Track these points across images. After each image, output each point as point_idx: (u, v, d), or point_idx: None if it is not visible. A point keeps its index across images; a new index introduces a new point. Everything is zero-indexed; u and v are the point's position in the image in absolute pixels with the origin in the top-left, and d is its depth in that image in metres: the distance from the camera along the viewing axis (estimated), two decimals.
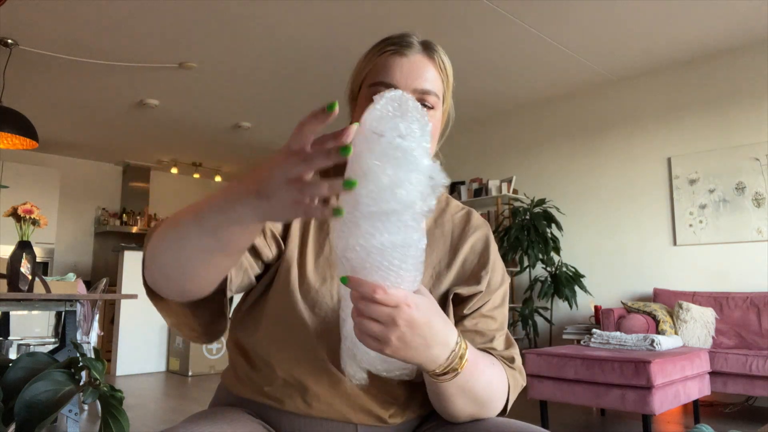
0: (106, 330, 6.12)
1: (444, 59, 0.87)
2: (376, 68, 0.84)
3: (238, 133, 6.37)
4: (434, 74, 0.85)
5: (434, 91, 0.85)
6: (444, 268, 0.90)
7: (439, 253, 0.91)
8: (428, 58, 0.85)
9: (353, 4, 3.57)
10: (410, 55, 0.84)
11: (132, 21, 3.78)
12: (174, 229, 0.65)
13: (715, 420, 3.45)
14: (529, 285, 4.90)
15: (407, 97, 0.61)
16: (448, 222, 0.95)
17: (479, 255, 0.92)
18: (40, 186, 6.65)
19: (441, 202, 0.97)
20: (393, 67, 0.83)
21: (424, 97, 0.83)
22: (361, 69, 0.87)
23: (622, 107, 4.86)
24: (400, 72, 0.82)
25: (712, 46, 4.23)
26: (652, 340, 3.16)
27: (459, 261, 0.91)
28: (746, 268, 4.08)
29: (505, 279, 0.94)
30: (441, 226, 0.94)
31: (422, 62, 0.84)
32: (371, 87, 0.83)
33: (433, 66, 0.86)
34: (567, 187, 5.14)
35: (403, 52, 0.84)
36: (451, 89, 0.91)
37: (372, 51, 0.87)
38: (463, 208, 0.99)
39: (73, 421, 2.61)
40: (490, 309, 0.89)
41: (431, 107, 0.85)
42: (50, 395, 0.64)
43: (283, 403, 0.83)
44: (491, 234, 0.97)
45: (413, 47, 0.84)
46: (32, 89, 4.99)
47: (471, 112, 5.69)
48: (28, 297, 2.64)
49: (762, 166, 4.07)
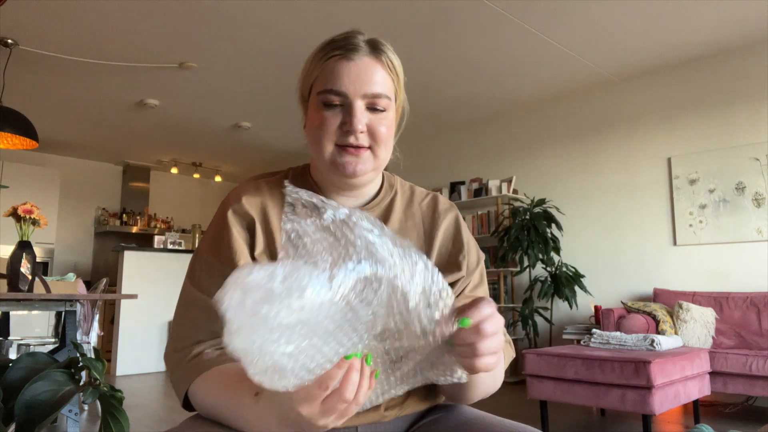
0: (106, 330, 6.12)
1: (392, 57, 0.85)
2: (323, 74, 0.82)
3: (238, 133, 6.37)
4: (383, 75, 0.83)
5: (385, 93, 0.83)
6: None
7: (415, 245, 0.91)
8: (376, 60, 0.83)
9: (353, 4, 3.57)
10: (357, 59, 0.82)
11: (132, 21, 3.78)
12: (216, 397, 0.75)
13: (715, 420, 3.45)
14: (529, 285, 4.90)
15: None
16: (417, 212, 0.95)
17: (453, 239, 0.93)
18: (40, 186, 6.65)
19: (406, 192, 0.97)
20: (340, 73, 0.81)
21: (374, 101, 0.82)
22: (309, 73, 0.85)
23: (622, 107, 4.86)
24: (348, 78, 0.81)
25: (712, 46, 4.23)
26: (652, 340, 3.16)
27: (436, 250, 0.92)
28: (746, 268, 4.08)
29: (480, 256, 0.96)
30: (411, 217, 0.94)
31: (370, 65, 0.82)
32: (321, 94, 0.82)
33: (382, 67, 0.84)
34: (567, 187, 5.14)
35: (349, 56, 0.82)
36: (403, 84, 0.89)
37: (318, 55, 0.85)
38: (429, 193, 0.99)
39: (73, 421, 2.61)
40: (472, 289, 0.92)
41: (383, 110, 0.83)
42: (50, 395, 0.64)
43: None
44: (459, 214, 0.98)
45: (360, 50, 0.82)
46: (32, 89, 4.99)
47: (471, 112, 5.69)
48: (28, 297, 2.64)
49: (762, 166, 4.07)
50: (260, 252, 0.84)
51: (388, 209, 0.93)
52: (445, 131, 6.18)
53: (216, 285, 0.81)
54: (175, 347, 0.83)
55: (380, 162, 0.85)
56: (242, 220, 0.86)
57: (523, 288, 5.12)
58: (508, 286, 5.33)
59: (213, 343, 0.80)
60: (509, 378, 4.90)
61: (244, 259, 0.83)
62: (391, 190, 0.96)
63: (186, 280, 0.87)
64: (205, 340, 0.81)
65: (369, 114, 0.82)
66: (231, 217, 0.85)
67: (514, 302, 5.27)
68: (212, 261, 0.84)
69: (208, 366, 0.77)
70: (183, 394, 0.79)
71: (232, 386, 0.73)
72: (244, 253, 0.84)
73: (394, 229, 0.91)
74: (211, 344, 0.80)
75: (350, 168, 0.82)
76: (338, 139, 0.82)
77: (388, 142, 0.85)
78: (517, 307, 5.07)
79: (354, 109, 0.81)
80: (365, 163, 0.83)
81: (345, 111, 0.81)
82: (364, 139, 0.82)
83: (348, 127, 0.81)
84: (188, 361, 0.80)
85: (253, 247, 0.84)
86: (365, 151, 0.83)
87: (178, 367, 0.81)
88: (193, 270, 0.87)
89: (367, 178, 0.86)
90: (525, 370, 3.17)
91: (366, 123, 0.82)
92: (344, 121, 0.81)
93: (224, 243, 0.84)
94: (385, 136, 0.84)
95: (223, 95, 5.20)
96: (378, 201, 0.92)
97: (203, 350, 0.80)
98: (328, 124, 0.81)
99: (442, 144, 6.21)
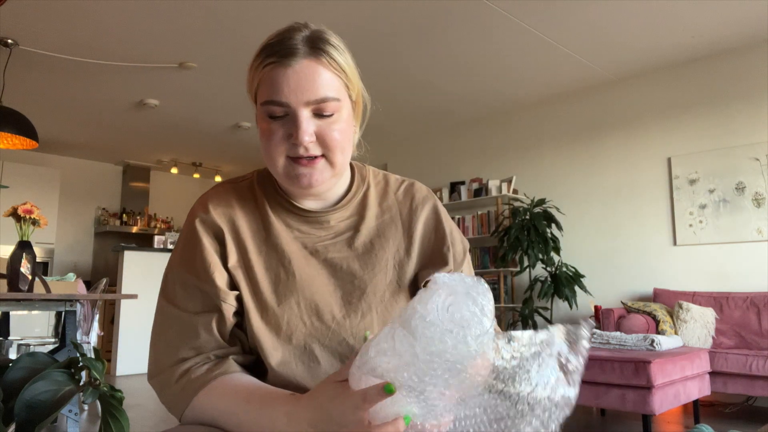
0: (106, 330, 6.12)
1: (335, 55, 0.78)
2: (263, 84, 0.76)
3: (238, 133, 6.37)
4: (328, 77, 0.76)
5: (331, 96, 0.76)
6: (404, 255, 0.87)
7: (395, 240, 0.88)
8: (316, 61, 0.76)
9: (353, 3, 3.57)
10: (295, 64, 0.75)
11: (132, 21, 3.78)
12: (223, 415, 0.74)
13: (715, 420, 3.45)
14: (529, 285, 4.90)
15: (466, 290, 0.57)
16: (393, 204, 0.90)
17: (435, 231, 0.89)
18: (40, 186, 6.65)
19: (380, 182, 0.92)
20: (279, 82, 0.75)
21: (321, 107, 0.76)
22: (251, 81, 0.80)
23: (622, 107, 4.86)
24: (287, 87, 0.74)
25: (712, 46, 4.23)
26: (652, 340, 3.16)
27: (417, 244, 0.88)
28: (746, 268, 4.08)
29: (465, 245, 0.92)
30: (388, 210, 0.90)
31: (310, 68, 0.75)
32: (263, 106, 0.76)
33: (324, 68, 0.76)
34: (567, 187, 5.14)
35: (286, 62, 0.75)
36: (356, 76, 0.82)
37: (255, 62, 0.78)
38: (404, 181, 0.94)
39: (73, 421, 2.61)
40: None
41: (331, 114, 0.77)
42: (50, 395, 0.64)
43: None
44: (438, 202, 0.93)
45: (297, 53, 0.75)
46: (32, 89, 4.99)
47: (471, 112, 5.69)
48: (28, 297, 2.64)
49: (762, 166, 4.07)
50: (234, 263, 0.81)
51: (361, 206, 0.89)
52: (445, 131, 6.18)
53: (192, 299, 0.80)
54: (158, 369, 0.80)
55: (338, 168, 0.80)
56: (211, 230, 0.82)
57: (523, 288, 5.12)
58: (508, 286, 5.33)
59: (198, 360, 0.79)
60: None
61: (218, 271, 0.80)
62: (363, 184, 0.91)
63: (160, 297, 0.83)
64: (188, 358, 0.79)
65: (317, 121, 0.76)
66: (200, 229, 0.82)
67: (514, 302, 5.27)
68: (185, 276, 0.81)
69: (203, 382, 0.76)
70: (181, 413, 0.77)
71: (256, 391, 0.73)
72: (217, 265, 0.81)
73: (370, 225, 0.87)
74: (195, 361, 0.79)
75: (305, 180, 0.78)
76: (288, 150, 0.77)
77: (344, 145, 0.79)
78: (517, 307, 5.07)
79: (299, 120, 0.75)
80: (321, 173, 0.78)
81: (290, 122, 0.76)
82: (314, 148, 0.77)
83: (294, 139, 0.75)
84: (177, 381, 0.78)
85: (226, 259, 0.81)
86: (319, 160, 0.78)
87: (166, 389, 0.79)
88: (166, 285, 0.83)
89: (326, 186, 0.81)
90: None
91: (315, 131, 0.76)
92: (290, 133, 0.76)
93: (196, 256, 0.81)
94: (338, 141, 0.78)
95: (223, 95, 5.20)
96: (349, 198, 0.88)
97: (190, 367, 0.78)
98: (275, 136, 0.76)
99: (442, 144, 6.21)
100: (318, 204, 0.87)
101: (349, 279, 0.84)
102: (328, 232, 0.86)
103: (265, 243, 0.84)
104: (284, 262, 0.83)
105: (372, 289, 0.84)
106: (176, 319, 0.80)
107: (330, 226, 0.86)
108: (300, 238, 0.85)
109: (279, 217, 0.85)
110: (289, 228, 0.85)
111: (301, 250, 0.84)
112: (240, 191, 0.87)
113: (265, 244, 0.84)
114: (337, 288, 0.84)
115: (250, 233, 0.84)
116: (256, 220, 0.85)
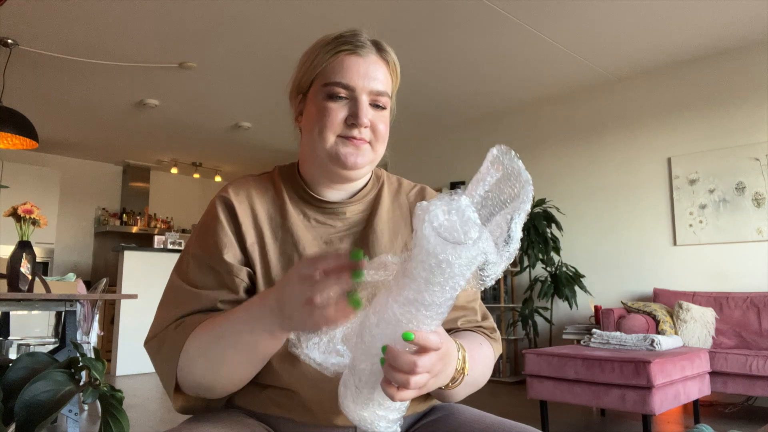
0: (106, 330, 6.12)
1: (395, 59, 0.89)
2: (331, 68, 0.84)
3: (238, 133, 6.37)
4: (386, 75, 0.87)
5: (386, 91, 0.86)
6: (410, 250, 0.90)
7: (403, 235, 0.92)
8: (381, 59, 0.86)
9: (353, 3, 3.57)
10: (365, 56, 0.84)
11: (132, 21, 3.78)
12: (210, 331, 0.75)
13: (715, 420, 3.45)
14: (529, 285, 4.90)
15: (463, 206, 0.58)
16: (404, 202, 0.97)
17: None
18: (40, 186, 6.65)
19: (393, 183, 0.99)
20: (350, 67, 0.83)
21: (377, 98, 0.85)
22: (313, 66, 0.86)
23: (622, 107, 4.86)
24: (357, 73, 0.83)
25: (712, 46, 4.23)
26: (652, 340, 3.16)
27: None
28: (746, 268, 4.08)
29: None
30: (399, 207, 0.95)
31: (376, 63, 0.85)
32: (327, 86, 0.83)
33: (386, 67, 0.87)
34: (567, 187, 5.14)
35: (358, 52, 0.84)
36: (398, 86, 0.92)
37: (324, 48, 0.85)
38: (416, 185, 1.01)
39: (73, 421, 2.61)
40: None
41: (383, 108, 0.86)
42: (50, 395, 0.64)
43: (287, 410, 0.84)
44: None
45: (367, 47, 0.85)
46: (32, 89, 4.99)
47: (471, 111, 5.69)
48: (28, 297, 2.64)
49: (762, 166, 4.07)
50: (251, 243, 0.85)
51: (375, 200, 0.94)
52: (445, 131, 6.18)
53: (204, 276, 0.83)
54: (154, 332, 0.81)
55: (377, 157, 0.88)
56: (230, 211, 0.86)
57: (523, 288, 5.12)
58: (508, 286, 5.33)
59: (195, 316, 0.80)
60: (509, 378, 4.89)
61: (232, 249, 0.84)
62: (378, 182, 0.97)
63: (173, 273, 0.87)
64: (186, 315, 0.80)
65: (372, 110, 0.84)
66: (219, 209, 0.87)
67: (514, 302, 5.27)
68: (200, 254, 0.85)
69: (196, 324, 0.77)
70: (176, 360, 0.76)
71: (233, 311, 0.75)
72: (232, 243, 0.85)
73: (382, 219, 0.92)
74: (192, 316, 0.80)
75: (351, 159, 0.84)
76: (342, 131, 0.83)
77: (385, 139, 0.87)
78: (517, 307, 5.07)
79: (361, 104, 0.83)
80: (364, 155, 0.85)
81: (351, 104, 0.83)
82: (366, 133, 0.84)
83: (354, 120, 0.82)
84: (174, 330, 0.78)
85: (243, 239, 0.85)
86: (366, 144, 0.85)
87: (163, 347, 0.79)
88: (180, 263, 0.87)
89: (363, 171, 0.87)
90: (525, 370, 3.17)
91: (369, 118, 0.84)
92: (351, 114, 0.83)
93: (213, 235, 0.85)
94: (384, 133, 0.86)
95: (223, 95, 5.20)
96: (365, 192, 0.93)
97: (185, 317, 0.80)
98: (333, 115, 0.83)
99: (442, 144, 6.21)
100: (337, 195, 0.91)
101: None
102: (344, 223, 0.91)
103: (281, 229, 0.88)
104: (298, 249, 0.86)
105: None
106: (185, 292, 0.83)
107: (346, 218, 0.91)
108: (316, 228, 0.89)
109: (297, 207, 0.90)
110: (306, 217, 0.89)
111: (315, 238, 0.88)
112: (260, 182, 0.92)
113: (281, 230, 0.88)
114: None
115: (267, 219, 0.88)
116: (274, 207, 0.89)
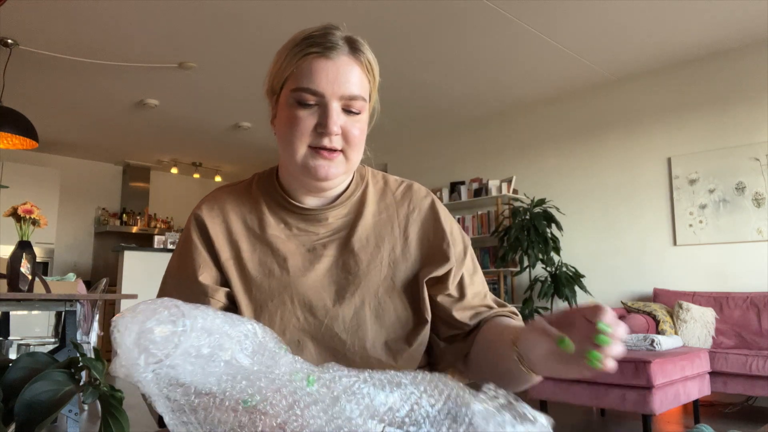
0: (106, 330, 6.12)
1: (370, 58, 0.83)
2: (299, 71, 0.78)
3: (238, 133, 6.37)
4: (360, 76, 0.81)
5: (361, 94, 0.80)
6: (399, 255, 0.88)
7: (390, 240, 0.88)
8: (354, 60, 0.80)
9: (353, 3, 3.57)
10: (335, 58, 0.78)
11: (132, 21, 3.78)
12: None
13: (715, 420, 3.45)
14: (529, 285, 4.90)
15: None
16: (391, 204, 0.91)
17: (434, 230, 0.90)
18: (40, 186, 6.64)
19: (378, 182, 0.94)
20: (318, 72, 0.78)
21: (349, 103, 0.79)
22: (282, 68, 0.81)
23: (622, 107, 4.86)
24: (326, 78, 0.77)
25: (712, 46, 4.23)
26: (652, 340, 3.16)
27: (414, 245, 0.89)
28: (746, 268, 4.08)
29: (467, 242, 0.93)
30: (385, 210, 0.91)
31: (348, 65, 0.79)
32: (295, 92, 0.78)
33: (359, 67, 0.81)
34: (567, 187, 5.14)
35: (328, 54, 0.78)
36: (377, 85, 0.86)
37: (293, 51, 0.80)
38: (403, 182, 0.95)
39: (73, 421, 2.61)
40: (469, 277, 0.89)
41: (357, 113, 0.80)
42: (50, 395, 0.64)
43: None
44: (437, 200, 0.94)
45: (338, 48, 0.79)
46: (32, 89, 4.99)
47: (471, 112, 5.69)
48: (28, 297, 2.64)
49: (762, 166, 4.07)
50: (226, 259, 0.84)
51: (360, 203, 0.90)
52: (445, 131, 6.17)
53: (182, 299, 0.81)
54: None
55: (351, 165, 0.83)
56: (202, 231, 0.85)
57: (523, 288, 5.12)
58: (508, 286, 5.33)
59: None
60: None
61: (207, 270, 0.83)
62: (362, 182, 0.92)
63: (158, 295, 0.86)
64: None
65: (344, 116, 0.79)
66: (192, 231, 0.86)
67: (514, 302, 5.26)
68: (177, 275, 0.85)
69: None
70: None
71: None
72: (207, 264, 0.84)
73: (367, 224, 0.88)
74: None
75: (322, 172, 0.80)
76: (312, 140, 0.79)
77: (361, 145, 0.82)
78: (517, 307, 5.07)
79: (330, 111, 0.77)
80: (337, 166, 0.81)
81: (320, 111, 0.78)
82: (337, 141, 0.79)
83: (323, 128, 0.78)
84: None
85: (217, 256, 0.84)
86: (338, 154, 0.80)
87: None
88: (163, 284, 0.88)
89: (337, 181, 0.84)
90: None
91: (340, 125, 0.79)
92: (319, 122, 0.78)
93: (188, 257, 0.85)
94: (358, 139, 0.81)
95: (223, 95, 5.20)
96: (348, 195, 0.89)
97: None
98: (302, 124, 0.78)
99: (442, 144, 6.21)
100: (317, 201, 0.88)
101: (344, 275, 0.85)
102: (327, 229, 0.87)
103: (260, 240, 0.86)
104: (279, 259, 0.84)
105: (366, 284, 0.85)
106: None
107: (328, 223, 0.87)
108: (298, 236, 0.86)
109: (277, 216, 0.87)
110: (286, 225, 0.87)
111: (298, 247, 0.86)
112: (236, 193, 0.90)
113: (259, 241, 0.86)
114: (332, 283, 0.85)
115: (244, 232, 0.86)
116: (251, 219, 0.87)
